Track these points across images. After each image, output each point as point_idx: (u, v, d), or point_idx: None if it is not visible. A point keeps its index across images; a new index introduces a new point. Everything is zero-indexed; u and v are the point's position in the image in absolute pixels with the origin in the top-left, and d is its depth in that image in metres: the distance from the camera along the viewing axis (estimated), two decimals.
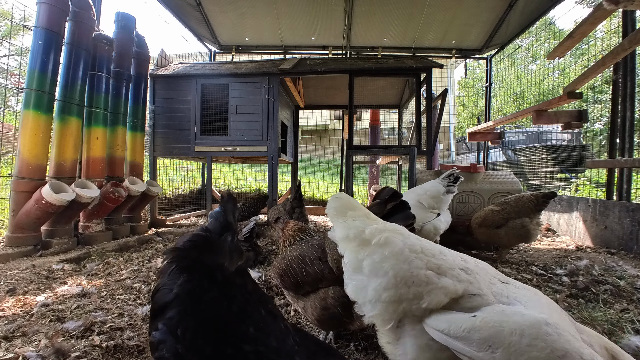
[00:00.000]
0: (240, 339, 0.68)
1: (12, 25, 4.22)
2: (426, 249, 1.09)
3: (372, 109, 7.50)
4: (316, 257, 1.55)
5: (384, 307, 1.03)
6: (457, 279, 1.00)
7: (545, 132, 8.75)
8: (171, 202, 6.36)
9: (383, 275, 1.05)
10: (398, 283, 1.03)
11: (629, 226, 3.47)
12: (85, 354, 1.45)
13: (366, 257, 1.09)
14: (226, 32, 6.91)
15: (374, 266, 1.07)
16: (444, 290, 0.98)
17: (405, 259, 1.06)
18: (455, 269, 1.03)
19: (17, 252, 2.92)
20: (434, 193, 2.90)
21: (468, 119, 19.17)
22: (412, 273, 1.03)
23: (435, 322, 0.96)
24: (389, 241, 1.09)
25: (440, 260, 1.05)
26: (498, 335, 0.86)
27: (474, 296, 0.97)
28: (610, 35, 5.15)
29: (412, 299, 1.00)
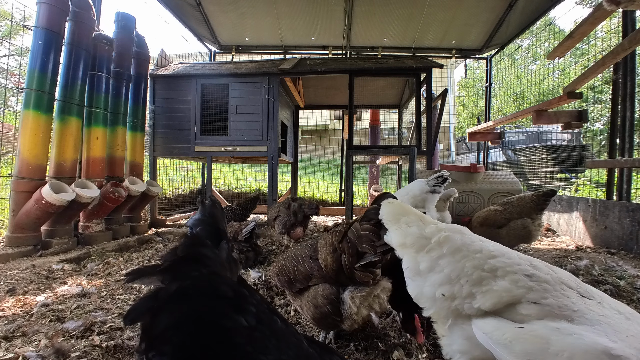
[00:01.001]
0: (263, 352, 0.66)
1: (12, 25, 4.22)
2: (486, 249, 1.08)
3: (372, 109, 7.50)
4: (307, 255, 1.61)
5: (439, 304, 1.05)
6: (516, 284, 0.98)
7: (545, 132, 8.74)
8: (171, 202, 6.36)
9: (439, 272, 1.07)
10: (453, 280, 1.04)
11: (629, 226, 3.47)
12: (85, 354, 1.45)
13: (425, 257, 1.11)
14: (226, 32, 6.91)
15: (431, 263, 1.09)
16: (499, 293, 0.97)
17: (462, 257, 1.06)
18: (518, 273, 1.00)
19: (17, 252, 2.92)
20: (416, 192, 2.84)
21: (468, 119, 19.17)
22: (467, 272, 1.03)
23: (482, 324, 0.96)
24: (448, 239, 1.11)
25: (500, 263, 1.03)
26: (541, 353, 0.82)
27: (532, 304, 0.94)
28: (610, 35, 5.15)
29: (464, 297, 1.01)
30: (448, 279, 1.05)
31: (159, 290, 0.70)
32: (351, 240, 1.39)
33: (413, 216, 1.24)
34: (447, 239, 1.11)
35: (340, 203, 7.61)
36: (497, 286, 0.98)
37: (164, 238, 3.99)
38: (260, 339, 0.68)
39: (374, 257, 1.32)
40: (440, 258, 1.09)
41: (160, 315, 0.67)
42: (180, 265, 0.78)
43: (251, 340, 0.67)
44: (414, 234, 1.17)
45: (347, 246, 1.39)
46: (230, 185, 8.36)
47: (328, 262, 1.45)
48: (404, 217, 1.24)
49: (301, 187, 7.84)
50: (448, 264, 1.07)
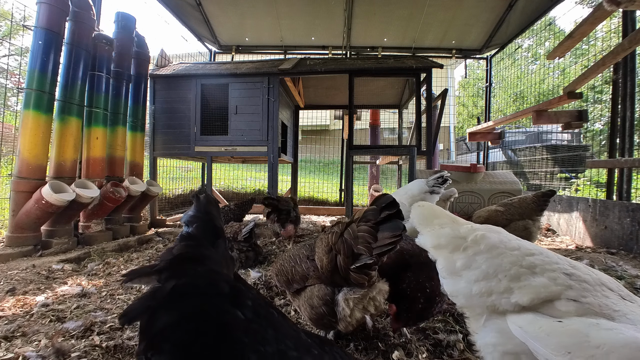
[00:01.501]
0: (261, 343, 0.67)
1: (12, 25, 4.22)
2: (524, 247, 1.11)
3: (372, 109, 7.50)
4: (305, 255, 1.61)
5: (474, 299, 1.07)
6: (555, 281, 0.99)
7: (545, 132, 8.74)
8: (171, 202, 6.36)
9: (476, 269, 1.09)
10: (490, 275, 1.06)
11: (629, 226, 3.47)
12: (85, 354, 1.45)
13: (461, 255, 1.14)
14: (226, 32, 6.91)
15: (468, 260, 1.11)
16: (537, 289, 0.98)
17: (499, 253, 1.08)
18: (557, 271, 1.02)
19: (17, 252, 2.92)
20: (414, 192, 2.82)
21: (468, 119, 19.17)
22: (505, 267, 1.05)
23: (517, 317, 0.98)
24: (484, 237, 1.14)
25: (538, 260, 1.05)
26: (581, 345, 0.83)
27: (571, 301, 0.95)
28: (610, 35, 5.15)
29: (502, 292, 1.02)
30: (485, 275, 1.07)
31: (155, 290, 0.70)
32: (347, 241, 1.35)
33: (445, 218, 1.28)
34: (484, 237, 1.14)
35: (340, 203, 7.61)
36: (535, 282, 1.00)
37: (164, 238, 3.99)
38: (258, 331, 0.69)
39: (369, 259, 1.29)
40: (477, 254, 1.11)
41: (158, 314, 0.66)
42: (176, 264, 0.77)
43: (249, 332, 0.67)
44: (448, 234, 1.20)
45: (343, 247, 1.37)
46: (230, 185, 8.37)
47: (323, 262, 1.44)
48: (437, 219, 1.27)
49: (301, 187, 7.84)
50: (485, 261, 1.09)
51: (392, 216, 1.29)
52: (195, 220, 0.99)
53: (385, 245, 1.26)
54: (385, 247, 1.26)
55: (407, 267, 1.58)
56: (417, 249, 1.63)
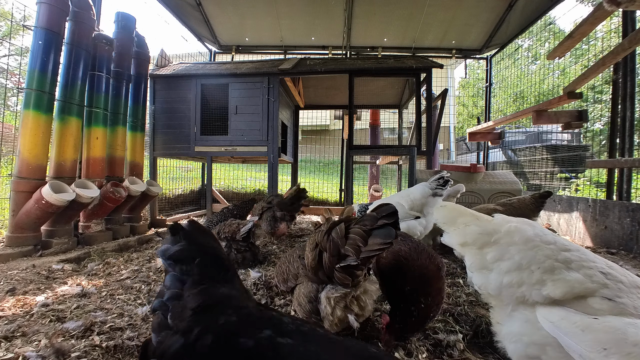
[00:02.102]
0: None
1: (12, 25, 4.22)
2: (560, 243, 1.11)
3: (372, 109, 7.50)
4: (297, 255, 1.66)
5: (504, 290, 1.08)
6: (591, 278, 0.99)
7: (545, 132, 8.74)
8: (171, 202, 6.36)
9: (508, 259, 1.10)
10: (522, 267, 1.06)
11: (629, 226, 3.47)
12: (85, 354, 1.45)
13: (491, 248, 1.15)
14: (226, 32, 6.91)
15: (500, 252, 1.12)
16: (572, 283, 0.98)
17: (534, 246, 1.09)
18: (593, 269, 1.02)
19: (17, 252, 2.92)
20: (417, 195, 2.83)
21: (468, 119, 19.16)
22: (539, 260, 1.05)
23: (548, 312, 0.97)
24: (518, 229, 1.14)
25: (574, 256, 1.05)
26: (618, 342, 0.83)
27: (606, 300, 0.95)
28: (610, 35, 5.14)
29: (533, 283, 1.03)
30: (518, 266, 1.07)
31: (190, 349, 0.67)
32: (334, 239, 1.35)
33: (469, 216, 1.30)
34: (518, 229, 1.14)
35: (340, 203, 7.61)
36: (570, 277, 1.00)
37: (164, 238, 3.98)
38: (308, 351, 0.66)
39: (354, 261, 1.29)
40: (511, 245, 1.11)
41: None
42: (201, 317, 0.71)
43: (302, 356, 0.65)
44: (474, 232, 1.22)
45: (329, 245, 1.36)
46: (230, 185, 8.36)
47: (309, 258, 1.45)
48: (460, 218, 1.29)
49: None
50: (519, 252, 1.09)
51: (388, 224, 1.28)
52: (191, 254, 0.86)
53: (373, 250, 1.25)
54: (373, 253, 1.25)
55: (403, 272, 1.57)
56: (413, 253, 1.61)
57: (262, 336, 0.66)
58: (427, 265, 1.56)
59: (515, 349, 1.06)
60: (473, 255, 1.19)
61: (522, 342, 1.03)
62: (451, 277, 2.63)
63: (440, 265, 1.60)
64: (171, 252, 0.85)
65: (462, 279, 2.56)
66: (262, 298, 2.15)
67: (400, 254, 1.63)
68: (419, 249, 1.65)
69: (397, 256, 1.62)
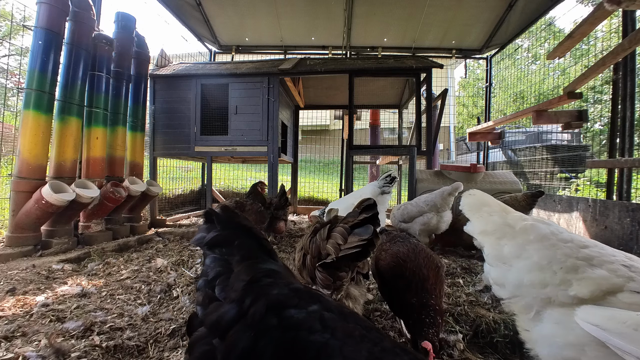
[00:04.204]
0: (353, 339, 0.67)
1: (12, 25, 4.22)
2: (577, 239, 1.08)
3: (372, 109, 7.50)
4: (293, 257, 1.68)
5: (525, 291, 1.04)
6: (615, 272, 0.97)
7: (545, 132, 8.74)
8: (171, 202, 6.36)
9: (527, 258, 1.06)
10: (543, 267, 1.03)
11: (629, 226, 3.47)
12: (85, 354, 1.45)
13: (508, 243, 1.12)
14: (226, 32, 6.91)
15: (517, 250, 1.09)
16: (598, 280, 0.95)
17: (552, 244, 1.06)
18: (615, 263, 0.99)
19: (17, 252, 2.92)
20: (367, 194, 3.03)
21: (468, 119, 19.16)
22: (559, 259, 1.02)
23: (588, 315, 0.92)
24: (534, 227, 1.11)
25: (594, 252, 1.03)
26: None
27: (636, 293, 0.92)
28: (610, 35, 5.14)
29: (558, 284, 0.99)
30: (538, 266, 1.04)
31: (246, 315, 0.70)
32: (316, 241, 1.39)
33: (495, 206, 1.28)
34: (533, 227, 1.12)
35: None
36: (595, 274, 0.97)
37: (164, 238, 3.99)
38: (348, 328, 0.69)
39: (331, 259, 1.30)
40: (528, 244, 1.08)
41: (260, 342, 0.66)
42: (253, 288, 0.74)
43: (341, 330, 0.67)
44: (495, 221, 1.20)
45: (311, 247, 1.41)
46: (230, 185, 8.36)
47: (295, 260, 1.49)
48: (486, 207, 1.28)
49: (301, 187, 7.84)
50: (537, 251, 1.06)
51: (368, 219, 1.28)
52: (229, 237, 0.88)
53: (351, 247, 1.24)
54: (351, 250, 1.24)
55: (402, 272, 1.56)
56: (411, 255, 1.61)
57: (310, 309, 0.69)
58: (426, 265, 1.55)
59: (551, 352, 1.00)
60: (491, 246, 1.17)
61: (557, 344, 0.98)
62: (451, 277, 2.63)
63: (439, 265, 1.60)
64: (208, 239, 0.87)
65: (462, 279, 2.56)
66: None
67: (398, 255, 1.63)
68: (417, 249, 1.65)
69: (396, 257, 1.62)
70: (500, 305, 2.06)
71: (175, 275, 2.53)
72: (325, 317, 0.68)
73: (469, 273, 2.75)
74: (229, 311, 0.71)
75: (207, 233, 0.89)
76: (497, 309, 2.03)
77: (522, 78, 7.20)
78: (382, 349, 0.65)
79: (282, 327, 0.66)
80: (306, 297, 0.73)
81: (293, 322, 0.67)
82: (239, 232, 0.90)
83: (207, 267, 0.83)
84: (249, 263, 0.82)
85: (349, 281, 1.43)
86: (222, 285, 0.77)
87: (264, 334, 0.65)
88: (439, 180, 3.97)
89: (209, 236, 0.88)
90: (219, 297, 0.76)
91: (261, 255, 0.87)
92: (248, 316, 0.68)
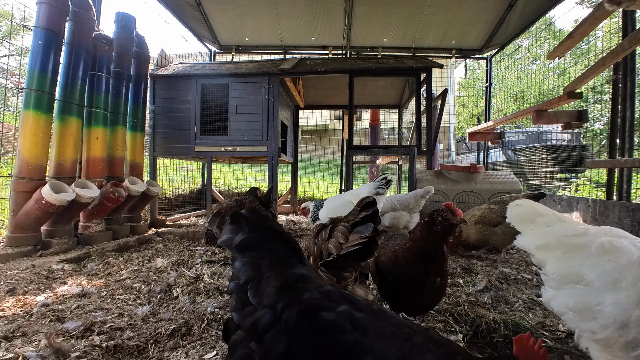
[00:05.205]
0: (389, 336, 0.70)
1: (12, 25, 4.22)
2: None
3: (372, 109, 7.49)
4: None
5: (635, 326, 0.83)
6: None
7: (545, 132, 8.73)
8: (171, 202, 6.36)
9: (629, 288, 0.85)
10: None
11: (629, 226, 3.47)
12: (85, 354, 1.45)
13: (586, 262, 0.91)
14: (226, 32, 6.91)
15: (607, 277, 0.88)
16: None
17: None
18: None
19: (17, 252, 2.92)
20: (363, 194, 3.07)
21: (468, 119, 19.17)
22: None
23: None
24: (618, 247, 0.92)
25: None
26: None
27: None
28: (610, 35, 5.14)
29: None
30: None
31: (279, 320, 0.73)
32: (317, 242, 1.42)
33: (551, 216, 1.12)
34: (619, 248, 0.91)
35: None
36: None
37: (164, 238, 3.99)
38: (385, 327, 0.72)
39: (331, 257, 1.32)
40: (623, 270, 0.87)
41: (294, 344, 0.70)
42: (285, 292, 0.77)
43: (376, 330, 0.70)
44: (557, 233, 1.02)
45: (314, 248, 1.43)
46: (230, 185, 8.36)
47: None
48: (541, 217, 1.12)
49: (301, 187, 7.83)
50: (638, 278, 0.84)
51: (368, 217, 1.29)
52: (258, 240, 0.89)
53: (352, 246, 1.26)
54: (353, 248, 1.26)
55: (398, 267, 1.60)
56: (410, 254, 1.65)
57: (340, 310, 0.72)
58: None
59: None
60: (558, 263, 0.98)
61: None
62: (451, 277, 2.63)
63: None
64: (238, 242, 0.88)
65: (462, 279, 2.56)
66: None
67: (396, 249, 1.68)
68: None
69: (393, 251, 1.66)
70: (500, 306, 2.07)
71: (175, 275, 2.53)
72: (355, 316, 0.71)
73: (469, 273, 2.75)
74: (263, 316, 0.74)
75: (234, 235, 0.90)
76: (497, 309, 2.04)
77: (522, 78, 7.20)
78: (413, 344, 0.67)
79: (314, 329, 0.70)
80: (336, 298, 0.76)
81: (324, 324, 0.70)
82: (269, 235, 0.91)
83: (238, 271, 0.85)
84: (279, 268, 0.84)
85: (353, 281, 1.45)
86: (254, 290, 0.80)
87: (297, 338, 0.69)
88: (439, 180, 3.97)
89: (237, 238, 0.89)
90: (252, 301, 0.79)
91: (291, 259, 0.88)
92: (282, 321, 0.72)
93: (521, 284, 2.50)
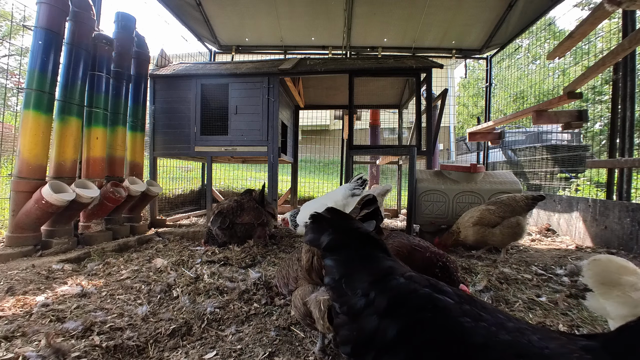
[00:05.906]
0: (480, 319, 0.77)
1: (12, 25, 4.22)
2: None
3: (372, 109, 7.49)
4: (297, 258, 1.67)
5: None
6: None
7: (545, 132, 8.73)
8: (171, 202, 6.36)
9: None
10: None
11: (629, 226, 3.47)
12: (85, 354, 1.45)
13: None
14: (226, 32, 6.91)
15: None
16: None
17: None
18: None
19: (17, 252, 2.92)
20: (339, 197, 3.20)
21: (468, 119, 19.18)
22: None
23: None
24: None
25: None
26: None
27: None
28: (610, 35, 5.14)
29: None
30: None
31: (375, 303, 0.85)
32: None
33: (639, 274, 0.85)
34: None
35: None
36: None
37: (164, 238, 3.99)
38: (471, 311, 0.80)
39: None
40: None
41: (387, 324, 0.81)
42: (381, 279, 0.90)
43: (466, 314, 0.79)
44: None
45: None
46: (230, 185, 8.36)
47: (303, 260, 1.47)
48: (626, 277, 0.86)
49: (301, 187, 7.84)
50: None
51: (370, 215, 1.29)
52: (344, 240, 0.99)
53: None
54: None
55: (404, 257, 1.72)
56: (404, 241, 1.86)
57: (422, 292, 0.85)
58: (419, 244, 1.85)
59: None
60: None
61: None
62: None
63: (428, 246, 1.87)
64: (326, 244, 0.99)
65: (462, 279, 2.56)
66: (262, 298, 2.15)
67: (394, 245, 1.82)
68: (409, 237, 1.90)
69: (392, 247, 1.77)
70: (500, 306, 2.07)
71: (175, 275, 2.53)
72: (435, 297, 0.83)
73: (469, 273, 2.75)
74: (358, 301, 0.88)
75: (317, 235, 1.01)
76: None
77: (522, 78, 7.20)
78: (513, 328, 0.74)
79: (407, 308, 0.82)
80: (420, 282, 0.88)
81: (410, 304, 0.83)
82: (354, 235, 1.01)
83: (331, 268, 0.97)
84: (368, 263, 0.95)
85: None
86: (349, 284, 0.93)
87: (387, 316, 0.82)
88: (439, 180, 3.97)
89: (324, 239, 0.99)
90: (348, 292, 0.93)
91: (377, 254, 0.98)
92: (374, 305, 0.85)
93: (521, 284, 2.50)
